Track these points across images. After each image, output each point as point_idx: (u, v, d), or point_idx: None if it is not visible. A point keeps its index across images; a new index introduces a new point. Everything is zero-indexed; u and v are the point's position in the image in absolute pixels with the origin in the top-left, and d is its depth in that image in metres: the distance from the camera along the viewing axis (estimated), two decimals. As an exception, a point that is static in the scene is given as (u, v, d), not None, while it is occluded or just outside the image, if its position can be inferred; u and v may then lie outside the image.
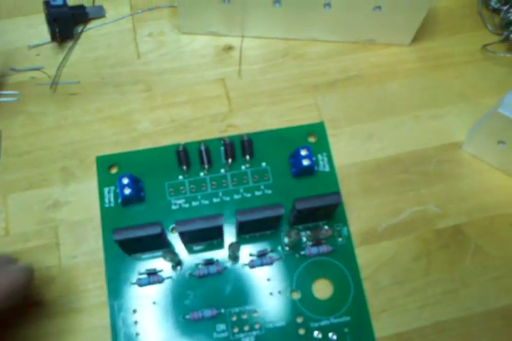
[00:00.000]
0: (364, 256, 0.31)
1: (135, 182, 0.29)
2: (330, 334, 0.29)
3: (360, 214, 0.32)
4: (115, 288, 0.29)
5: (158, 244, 0.28)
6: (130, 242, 0.26)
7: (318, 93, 0.35)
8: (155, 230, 0.26)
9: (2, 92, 0.33)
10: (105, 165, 0.31)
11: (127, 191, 0.28)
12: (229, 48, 0.36)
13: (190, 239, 0.28)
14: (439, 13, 0.37)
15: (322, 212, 0.29)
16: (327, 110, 0.34)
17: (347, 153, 0.33)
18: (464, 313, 0.30)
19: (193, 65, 0.35)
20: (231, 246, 0.27)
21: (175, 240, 0.30)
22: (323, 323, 0.29)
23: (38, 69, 0.34)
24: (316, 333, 0.29)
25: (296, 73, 0.35)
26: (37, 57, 0.35)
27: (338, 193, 0.27)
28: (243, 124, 0.33)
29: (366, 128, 0.34)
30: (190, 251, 0.30)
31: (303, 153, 0.30)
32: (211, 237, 0.29)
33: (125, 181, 0.28)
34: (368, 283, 0.30)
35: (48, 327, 0.29)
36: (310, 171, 0.31)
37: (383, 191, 0.32)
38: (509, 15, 0.35)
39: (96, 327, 0.29)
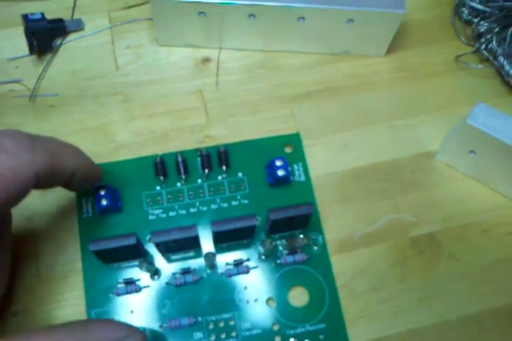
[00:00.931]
0: (340, 263, 0.31)
1: (112, 193, 0.29)
2: None
3: (336, 223, 0.32)
4: (93, 297, 0.29)
5: (134, 254, 0.28)
6: (106, 252, 0.27)
7: (295, 104, 0.35)
8: (130, 241, 0.26)
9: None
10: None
11: (104, 202, 0.29)
12: (206, 60, 0.36)
13: (167, 249, 0.28)
14: (413, 25, 0.38)
15: (296, 221, 0.29)
16: (303, 120, 0.35)
17: (323, 163, 0.34)
18: (439, 319, 0.30)
19: (171, 76, 0.36)
20: (206, 256, 0.28)
21: (152, 249, 0.30)
22: (298, 331, 0.29)
23: (16, 81, 0.34)
24: (291, 340, 0.29)
25: (273, 84, 0.36)
26: (15, 69, 0.35)
27: (310, 204, 0.28)
28: (220, 135, 0.34)
29: (342, 137, 0.35)
30: (168, 260, 0.30)
31: (278, 163, 0.31)
32: (188, 247, 0.29)
33: (102, 192, 0.29)
34: (344, 290, 0.31)
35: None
36: (285, 181, 0.32)
37: (359, 200, 0.33)
38: (479, 27, 0.36)
39: None
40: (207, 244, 0.31)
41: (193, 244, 0.29)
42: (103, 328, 0.22)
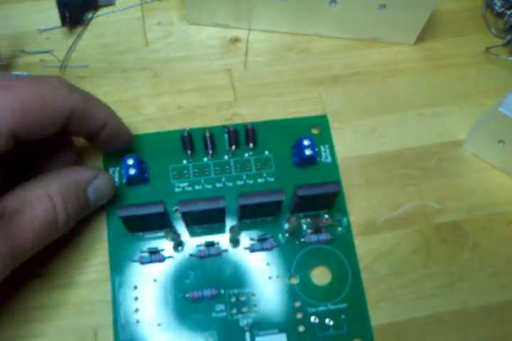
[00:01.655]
0: (363, 246, 0.31)
1: (140, 164, 0.29)
2: (327, 320, 0.29)
3: (360, 206, 0.32)
4: (117, 265, 0.29)
5: (160, 223, 0.28)
6: (133, 219, 0.27)
7: (322, 87, 0.35)
8: (158, 209, 0.26)
9: (12, 73, 0.33)
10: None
11: (132, 171, 0.29)
12: (235, 40, 0.36)
13: (192, 221, 0.28)
14: (444, 15, 0.38)
15: (322, 200, 0.29)
16: (330, 104, 0.35)
17: (349, 146, 0.33)
18: (460, 306, 0.30)
19: (200, 54, 0.36)
20: (232, 229, 0.28)
21: (177, 222, 0.30)
22: (320, 309, 0.29)
23: (47, 52, 0.34)
24: (312, 318, 0.29)
25: (301, 67, 0.36)
26: (46, 40, 0.35)
27: (337, 182, 0.28)
28: (248, 113, 0.34)
29: (369, 123, 0.34)
30: (192, 233, 0.30)
31: (305, 142, 0.30)
32: (213, 220, 0.29)
33: (130, 162, 0.29)
34: (365, 273, 0.30)
35: (48, 299, 0.29)
36: (312, 161, 0.31)
37: (384, 184, 0.33)
38: (512, 19, 0.36)
39: (96, 302, 0.29)
40: (231, 220, 0.31)
41: (218, 217, 0.29)
42: (76, 172, 0.26)
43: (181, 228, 0.30)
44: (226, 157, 0.32)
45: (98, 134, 0.26)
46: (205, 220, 0.29)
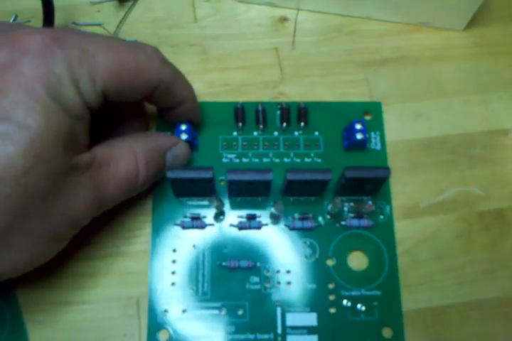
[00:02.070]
0: (405, 229, 0.31)
1: (191, 130, 0.29)
2: (359, 305, 0.29)
3: (403, 189, 0.32)
4: (159, 226, 0.30)
5: (206, 190, 0.28)
6: (181, 182, 0.27)
7: (369, 69, 0.35)
8: (207, 174, 0.26)
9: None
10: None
11: (184, 136, 0.29)
12: (284, 19, 0.36)
13: (237, 191, 0.28)
14: (495, 1, 0.37)
15: (369, 185, 0.29)
16: (377, 86, 0.34)
17: (395, 130, 0.33)
18: (502, 294, 0.30)
19: (248, 33, 0.36)
20: (276, 202, 0.28)
21: (221, 192, 0.30)
22: (353, 293, 0.29)
23: (98, 24, 0.35)
24: (345, 301, 0.29)
25: (349, 49, 0.36)
26: (97, 13, 0.35)
27: (388, 168, 0.28)
28: (294, 93, 0.34)
29: (415, 107, 0.34)
30: (234, 205, 0.30)
31: (357, 126, 0.30)
32: (257, 193, 0.29)
33: (183, 127, 0.29)
34: (406, 256, 0.30)
35: (95, 267, 0.30)
36: (361, 146, 0.31)
37: (428, 169, 0.32)
38: None
39: (140, 272, 0.30)
40: (274, 196, 0.31)
41: (263, 190, 0.29)
42: (160, 137, 0.28)
43: (224, 199, 0.30)
44: (276, 133, 0.32)
45: (172, 109, 0.28)
46: (249, 192, 0.29)
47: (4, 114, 0.19)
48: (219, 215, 0.30)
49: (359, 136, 0.30)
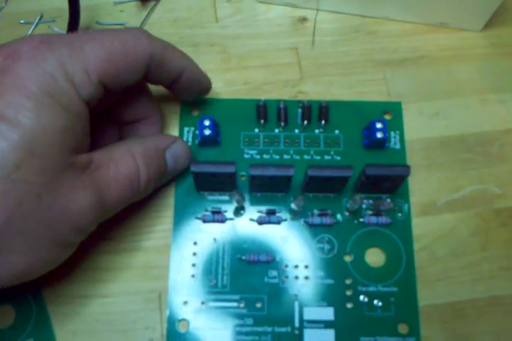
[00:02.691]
0: (422, 226, 0.31)
1: (214, 126, 0.30)
2: (375, 301, 0.29)
3: (421, 187, 0.32)
4: (180, 219, 0.31)
5: (227, 184, 0.29)
6: (204, 176, 0.28)
7: (388, 69, 0.35)
8: (230, 169, 0.27)
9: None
10: (188, 106, 0.33)
11: (207, 132, 0.29)
12: (303, 19, 0.37)
13: (258, 186, 0.29)
14: (512, 2, 0.38)
15: (388, 183, 0.29)
16: (395, 86, 0.35)
17: (413, 129, 0.34)
18: (519, 290, 0.30)
19: (268, 32, 0.36)
20: (296, 198, 0.28)
21: (242, 188, 0.31)
22: (370, 289, 0.30)
23: (121, 24, 0.35)
24: (362, 297, 0.29)
25: (368, 48, 0.36)
26: (120, 13, 0.36)
27: (408, 166, 0.28)
28: (313, 92, 0.34)
29: (433, 106, 0.35)
30: (255, 200, 0.31)
31: (378, 125, 0.31)
32: (277, 189, 0.30)
33: (206, 123, 0.30)
34: (424, 253, 0.31)
35: (117, 261, 0.30)
36: (381, 145, 0.32)
37: (445, 167, 0.33)
38: None
39: (161, 266, 0.30)
40: (294, 193, 0.31)
41: (283, 186, 0.29)
42: (157, 138, 0.28)
43: (244, 194, 0.31)
44: (297, 131, 0.33)
45: (177, 81, 0.28)
46: (270, 187, 0.30)
47: None
48: (239, 210, 0.30)
49: (379, 135, 0.31)
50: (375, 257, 0.31)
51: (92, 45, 0.23)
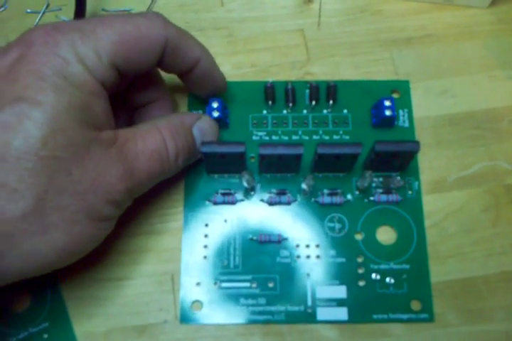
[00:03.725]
0: (433, 203, 0.31)
1: (223, 108, 0.30)
2: (387, 279, 0.29)
3: (431, 165, 0.32)
4: (192, 202, 0.31)
5: (237, 165, 0.29)
6: (214, 157, 0.28)
7: (395, 48, 0.35)
8: (240, 148, 0.27)
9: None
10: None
11: (216, 114, 0.30)
12: (309, 1, 0.37)
13: (268, 166, 0.29)
14: (520, -23, 0.37)
15: (398, 160, 0.29)
16: (402, 64, 0.35)
17: (421, 107, 0.34)
18: (531, 265, 0.30)
19: (274, 15, 0.36)
20: (307, 177, 0.28)
21: (252, 169, 0.31)
22: (382, 267, 0.30)
23: (127, 10, 0.35)
24: (374, 275, 0.29)
25: (374, 28, 0.36)
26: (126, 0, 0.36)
27: (417, 142, 0.28)
28: (320, 72, 0.34)
29: (440, 84, 0.34)
30: (264, 181, 0.31)
31: (386, 103, 0.31)
32: (287, 169, 0.30)
33: (215, 105, 0.30)
34: (434, 230, 0.31)
35: (131, 245, 0.31)
36: (390, 123, 0.32)
37: (455, 144, 0.33)
38: None
39: (174, 249, 0.31)
40: (304, 173, 0.31)
41: (293, 166, 0.30)
42: (181, 115, 0.28)
43: (254, 175, 0.31)
44: (305, 111, 0.33)
45: (191, 72, 0.28)
46: (279, 167, 0.30)
47: (17, 96, 0.21)
48: (249, 191, 0.30)
49: (388, 113, 0.31)
50: (386, 235, 0.31)
51: (103, 28, 0.23)
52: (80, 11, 0.33)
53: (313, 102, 0.32)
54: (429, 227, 0.31)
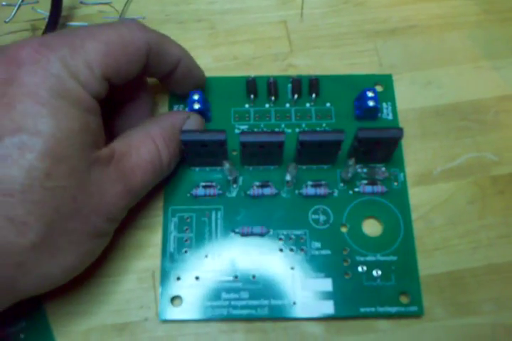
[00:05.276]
0: (419, 196, 0.31)
1: (204, 101, 0.30)
2: (374, 271, 0.29)
3: (416, 157, 0.32)
4: (171, 195, 0.30)
5: (218, 156, 0.29)
6: (194, 147, 0.27)
7: (379, 39, 0.35)
8: (220, 136, 0.27)
9: (71, 23, 0.34)
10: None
11: (196, 106, 0.29)
12: (291, -8, 0.36)
13: (250, 156, 0.29)
14: (505, -33, 0.37)
15: (381, 150, 0.29)
16: (387, 56, 0.34)
17: (405, 98, 0.33)
18: (518, 257, 0.29)
19: (256, 6, 0.36)
20: (290, 165, 0.28)
21: (234, 163, 0.30)
22: (368, 259, 0.29)
23: (106, 3, 0.35)
24: (360, 267, 0.29)
25: (357, 19, 0.36)
26: (105, -8, 0.35)
27: (401, 128, 0.27)
28: (303, 64, 0.34)
29: (425, 75, 0.34)
30: (247, 174, 0.31)
31: (369, 94, 0.30)
32: (270, 160, 0.29)
33: (195, 97, 0.29)
34: (421, 222, 0.30)
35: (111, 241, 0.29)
36: (373, 114, 0.32)
37: (440, 136, 0.32)
38: None
39: (154, 245, 0.30)
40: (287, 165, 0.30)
41: (275, 156, 0.29)
42: (171, 115, 0.28)
43: (237, 168, 0.30)
44: (287, 105, 0.33)
45: (172, 73, 0.28)
46: (261, 158, 0.29)
47: (16, 126, 0.20)
48: (232, 183, 0.30)
49: (371, 103, 0.30)
50: (372, 227, 0.30)
51: (91, 40, 0.23)
52: (56, 3, 0.32)
53: (296, 96, 0.32)
54: (415, 220, 0.30)
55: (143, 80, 0.29)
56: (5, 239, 0.20)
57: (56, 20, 0.33)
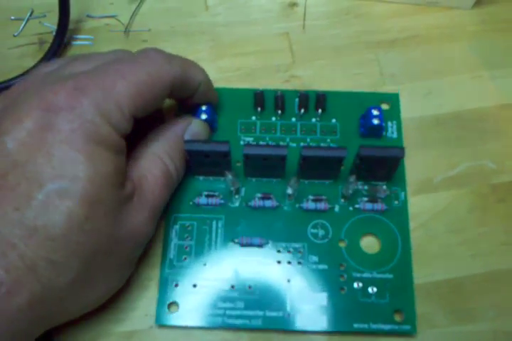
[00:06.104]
0: (419, 204, 0.31)
1: (212, 112, 0.30)
2: (370, 288, 0.29)
3: (416, 165, 0.32)
4: (174, 203, 0.31)
5: (222, 166, 0.29)
6: (198, 157, 0.28)
7: (380, 50, 0.36)
8: (223, 148, 0.27)
9: (78, 36, 0.35)
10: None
11: (204, 116, 0.30)
12: (293, 4, 0.37)
13: (253, 168, 0.29)
14: (503, -22, 0.37)
15: (383, 169, 0.29)
16: (388, 66, 0.35)
17: (405, 108, 0.34)
18: (518, 265, 0.30)
19: (259, 19, 0.36)
20: (291, 179, 0.28)
21: (238, 174, 0.31)
22: (365, 275, 0.29)
23: (112, 16, 0.36)
24: (356, 284, 0.29)
25: (358, 31, 0.36)
26: (111, 5, 0.37)
27: (402, 148, 0.28)
28: (306, 76, 0.34)
29: (425, 85, 0.35)
30: (250, 185, 0.31)
31: (374, 112, 0.31)
32: (272, 172, 0.30)
33: (203, 107, 0.30)
34: (420, 230, 0.31)
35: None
36: (378, 133, 0.32)
37: (440, 145, 0.33)
38: None
39: (156, 254, 0.30)
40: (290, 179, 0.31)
41: (278, 169, 0.29)
42: (174, 125, 0.29)
43: (240, 180, 0.31)
44: (293, 119, 0.33)
45: (192, 96, 0.28)
46: (264, 170, 0.30)
47: (55, 173, 0.21)
48: (234, 194, 0.30)
49: (375, 122, 0.31)
50: (370, 244, 0.30)
51: (121, 81, 0.23)
52: (64, 17, 0.33)
53: (302, 111, 0.33)
54: (415, 228, 0.31)
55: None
56: (47, 279, 0.21)
57: (63, 33, 0.33)
